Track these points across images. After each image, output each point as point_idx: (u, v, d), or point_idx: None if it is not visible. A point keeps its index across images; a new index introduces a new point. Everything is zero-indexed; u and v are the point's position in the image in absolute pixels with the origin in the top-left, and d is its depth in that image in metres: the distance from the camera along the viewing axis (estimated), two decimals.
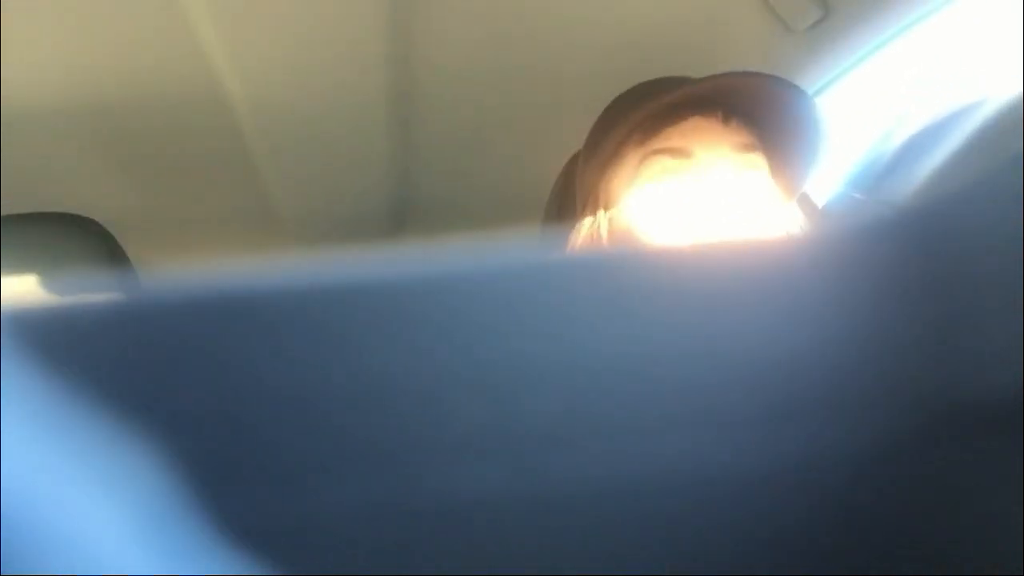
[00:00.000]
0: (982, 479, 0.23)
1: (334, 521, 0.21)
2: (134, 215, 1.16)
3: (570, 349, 0.22)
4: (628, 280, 0.22)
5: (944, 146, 0.23)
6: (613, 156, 0.65)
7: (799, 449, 0.22)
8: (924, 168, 0.24)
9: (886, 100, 0.90)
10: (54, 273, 0.86)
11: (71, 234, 0.90)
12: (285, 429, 0.21)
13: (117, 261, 0.92)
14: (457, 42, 0.89)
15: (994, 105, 0.23)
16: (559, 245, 0.70)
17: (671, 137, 0.62)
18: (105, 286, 0.21)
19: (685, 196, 0.60)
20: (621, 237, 0.63)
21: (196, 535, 0.18)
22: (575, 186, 0.72)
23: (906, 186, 0.24)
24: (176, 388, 0.20)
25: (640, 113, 0.62)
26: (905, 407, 0.23)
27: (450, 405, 0.21)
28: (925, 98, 0.82)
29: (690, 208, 0.60)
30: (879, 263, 0.22)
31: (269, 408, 0.20)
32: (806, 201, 0.84)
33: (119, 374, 0.20)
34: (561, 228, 0.74)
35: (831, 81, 0.90)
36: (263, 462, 0.20)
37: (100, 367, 0.20)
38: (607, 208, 0.66)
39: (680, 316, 0.22)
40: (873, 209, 0.23)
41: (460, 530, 0.22)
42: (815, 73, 0.89)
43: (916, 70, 0.84)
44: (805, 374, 0.22)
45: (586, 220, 0.68)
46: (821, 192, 0.85)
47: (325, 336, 0.21)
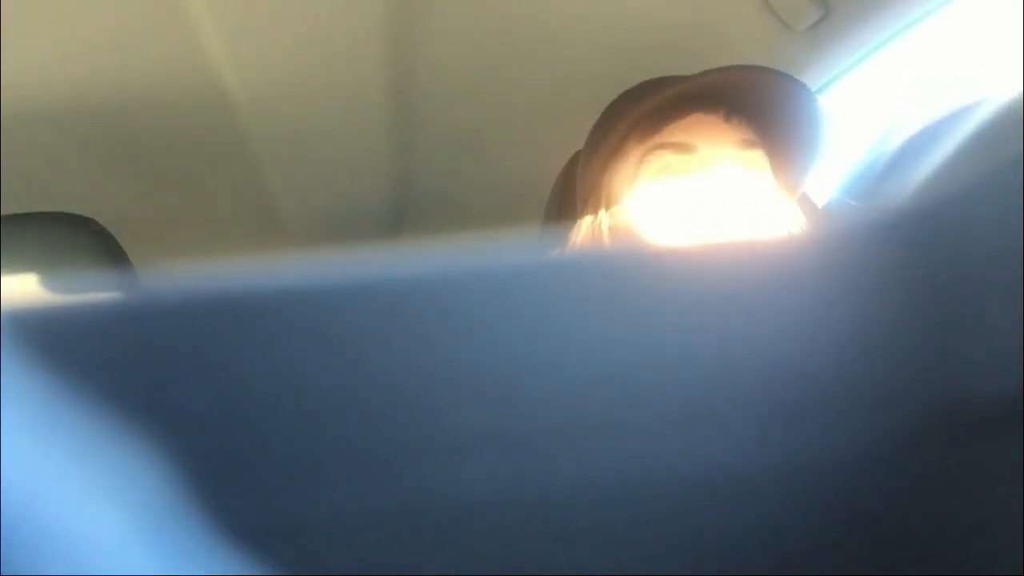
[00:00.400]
0: (982, 479, 0.23)
1: (334, 521, 0.21)
2: (134, 215, 1.16)
3: (570, 349, 0.22)
4: (628, 280, 0.22)
5: (944, 146, 0.23)
6: (615, 153, 0.65)
7: (798, 449, 0.22)
8: (924, 168, 0.24)
9: (886, 100, 0.90)
10: (54, 273, 0.86)
11: (71, 234, 0.90)
12: (285, 429, 0.20)
13: (117, 261, 0.92)
14: (457, 42, 0.89)
15: (994, 105, 0.23)
16: (559, 245, 0.70)
17: (673, 133, 0.62)
18: (105, 286, 0.21)
19: (686, 194, 0.60)
20: (622, 235, 0.63)
21: (196, 535, 0.18)
22: (575, 185, 0.72)
23: (906, 187, 0.24)
24: (176, 388, 0.20)
25: (641, 108, 0.62)
26: (905, 407, 0.23)
27: (450, 405, 0.21)
28: (925, 98, 0.82)
29: (691, 206, 0.60)
30: (879, 264, 0.22)
31: (269, 408, 0.20)
32: (806, 201, 0.84)
33: (119, 374, 0.20)
34: (561, 228, 0.73)
35: (831, 81, 0.90)
36: (263, 462, 0.20)
37: (100, 367, 0.20)
38: (608, 206, 0.65)
39: (680, 316, 0.22)
40: (874, 208, 0.23)
41: (460, 530, 0.22)
42: (815, 73, 0.88)
43: (916, 70, 0.84)
44: (805, 375, 0.22)
45: (587, 219, 0.67)
46: (822, 192, 0.85)
47: (325, 336, 0.21)
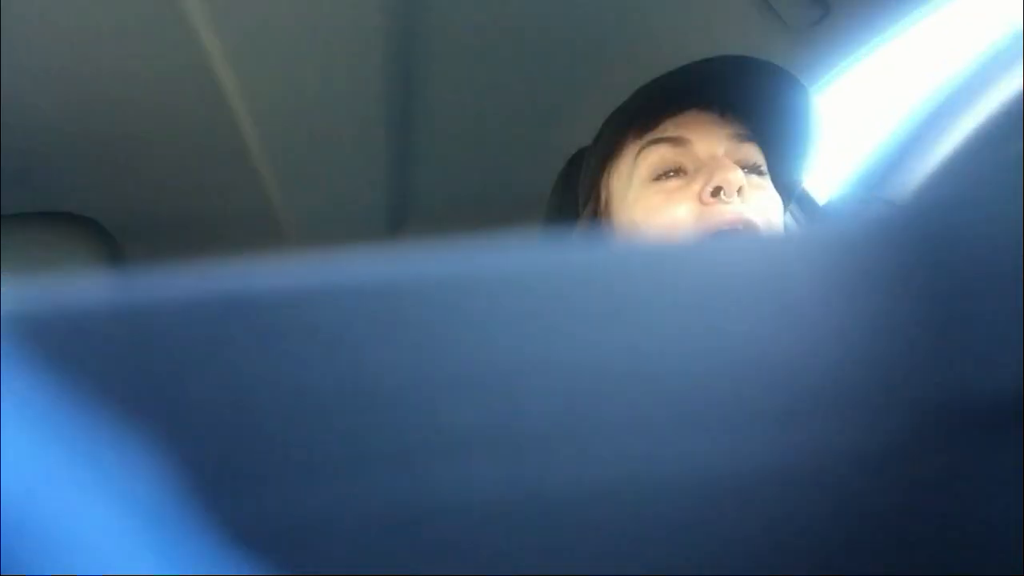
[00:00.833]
0: (982, 479, 0.23)
1: (334, 521, 0.21)
2: (134, 215, 1.16)
3: (570, 349, 0.22)
4: (629, 279, 0.22)
5: (944, 146, 0.23)
6: (612, 152, 0.66)
7: (797, 449, 0.22)
8: (924, 168, 0.23)
9: (886, 99, 0.90)
10: (54, 273, 0.86)
11: (71, 234, 0.90)
12: (285, 429, 0.20)
13: (117, 261, 0.92)
14: (457, 42, 0.89)
15: (994, 105, 0.23)
16: (559, 245, 0.70)
17: (668, 128, 0.63)
18: (105, 286, 0.21)
19: (684, 192, 0.61)
20: (621, 234, 0.63)
21: (196, 535, 0.18)
22: (575, 185, 0.72)
23: (906, 186, 0.24)
24: (176, 388, 0.20)
25: (636, 107, 0.64)
26: (905, 407, 0.23)
27: (450, 405, 0.21)
28: (925, 98, 0.82)
29: (689, 204, 0.60)
30: (879, 263, 0.22)
31: (269, 408, 0.20)
32: (806, 199, 0.84)
33: (119, 374, 0.20)
34: (561, 228, 0.74)
35: (831, 79, 0.90)
36: (263, 462, 0.20)
37: (100, 367, 0.20)
38: (608, 204, 0.66)
39: (679, 315, 0.22)
40: (875, 207, 0.23)
41: (460, 530, 0.22)
42: (814, 71, 0.89)
43: (916, 69, 0.84)
44: (804, 374, 0.22)
45: (587, 218, 0.68)
46: (822, 190, 0.85)
47: (325, 336, 0.21)
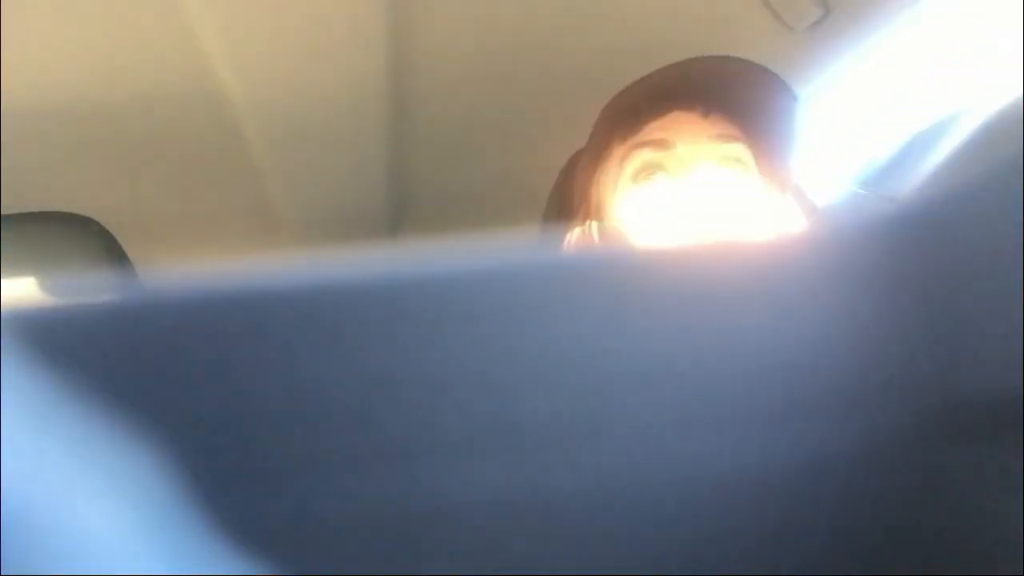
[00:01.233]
0: (982, 479, 0.23)
1: (334, 521, 0.21)
2: (134, 215, 1.16)
3: (569, 349, 0.22)
4: (627, 281, 0.22)
5: (944, 146, 0.23)
6: (600, 155, 0.66)
7: (797, 449, 0.22)
8: (925, 168, 0.24)
9: (886, 100, 0.90)
10: (54, 273, 0.86)
11: (71, 234, 0.90)
12: (285, 429, 0.20)
13: (117, 261, 0.92)
14: (456, 41, 0.89)
15: (994, 105, 0.23)
16: (558, 245, 0.70)
17: (652, 131, 0.64)
18: (105, 286, 0.21)
19: (671, 194, 0.61)
20: (612, 238, 0.64)
21: (196, 535, 0.18)
22: (574, 186, 0.72)
23: (907, 185, 0.24)
24: (176, 388, 0.20)
25: (618, 106, 0.64)
26: (905, 408, 0.23)
27: (450, 405, 0.21)
28: (925, 98, 0.82)
29: (677, 206, 0.60)
30: (879, 263, 0.22)
31: (269, 408, 0.20)
32: (803, 198, 0.84)
33: (119, 374, 0.20)
34: (560, 228, 0.74)
35: (831, 81, 0.90)
36: (263, 462, 0.20)
37: (100, 367, 0.20)
38: (598, 210, 0.66)
39: (679, 316, 0.22)
40: (877, 204, 0.23)
41: (460, 530, 0.22)
42: (815, 73, 0.89)
43: (916, 70, 0.84)
44: (804, 375, 0.22)
45: (579, 223, 0.68)
46: (822, 190, 0.85)
47: (324, 336, 0.21)
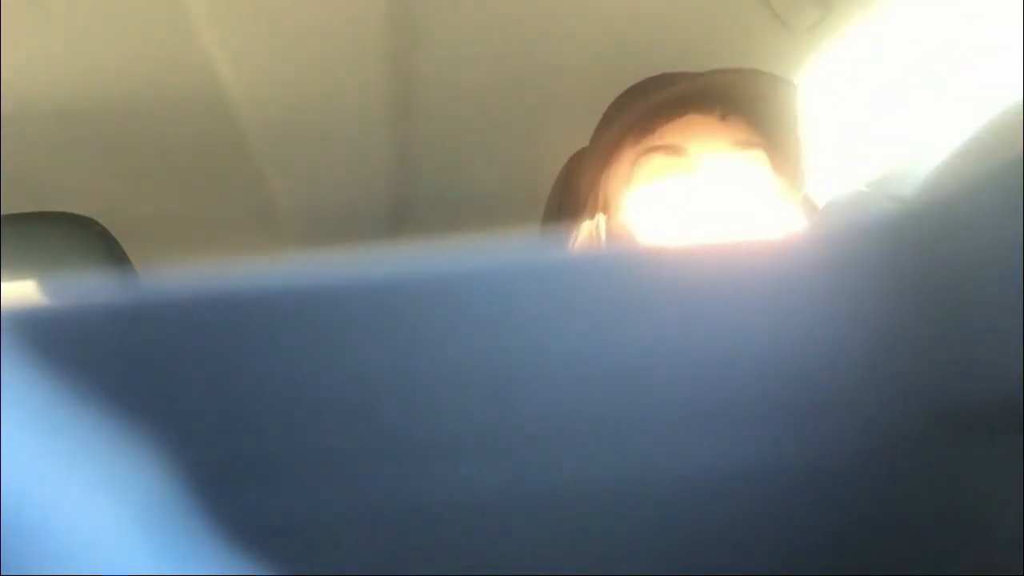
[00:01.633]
0: (982, 480, 0.23)
1: (334, 521, 0.21)
2: (134, 215, 1.16)
3: (570, 349, 0.22)
4: (629, 280, 0.22)
5: (944, 146, 0.23)
6: (610, 155, 0.65)
7: (798, 449, 0.22)
8: (925, 168, 0.24)
9: (886, 100, 0.90)
10: (54, 273, 0.86)
11: (71, 234, 0.90)
12: (285, 429, 0.20)
13: (117, 261, 0.92)
14: (457, 41, 0.89)
15: (994, 106, 0.23)
16: (559, 245, 0.70)
17: (666, 135, 0.61)
18: (105, 286, 0.21)
19: (682, 196, 0.60)
20: (619, 239, 0.63)
21: (196, 535, 0.18)
22: (575, 185, 0.72)
23: (908, 185, 0.24)
24: (176, 388, 0.20)
25: (635, 110, 0.61)
26: (905, 408, 0.23)
27: (450, 405, 0.21)
28: (925, 98, 0.82)
29: (688, 208, 0.60)
30: (879, 264, 0.22)
31: (269, 408, 0.20)
32: (807, 201, 0.84)
33: (119, 374, 0.20)
34: (561, 228, 0.74)
35: (830, 80, 0.90)
36: (263, 462, 0.20)
37: (100, 367, 0.20)
38: (606, 208, 0.65)
39: (679, 316, 0.22)
40: (880, 203, 0.23)
41: (460, 530, 0.22)
42: (814, 72, 0.89)
43: (915, 69, 0.84)
44: (804, 375, 0.22)
45: (586, 221, 0.67)
46: (822, 190, 0.85)
47: (325, 336, 0.21)
